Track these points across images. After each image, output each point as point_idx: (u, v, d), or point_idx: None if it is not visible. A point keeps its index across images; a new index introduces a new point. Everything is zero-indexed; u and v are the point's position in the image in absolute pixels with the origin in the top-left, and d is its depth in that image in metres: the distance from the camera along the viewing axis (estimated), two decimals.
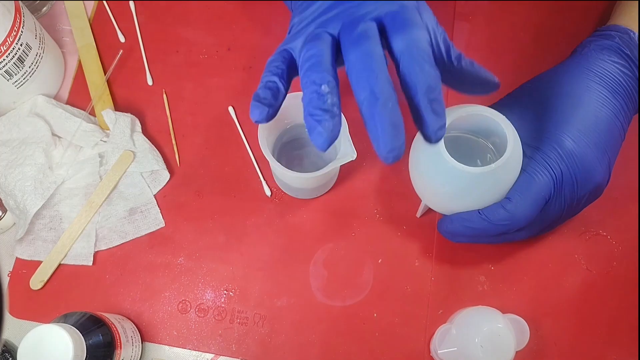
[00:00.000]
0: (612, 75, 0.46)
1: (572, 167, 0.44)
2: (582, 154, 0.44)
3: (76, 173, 0.54)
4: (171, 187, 0.55)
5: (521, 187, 0.44)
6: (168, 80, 0.59)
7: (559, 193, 0.45)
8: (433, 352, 0.49)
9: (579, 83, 0.46)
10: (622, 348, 0.50)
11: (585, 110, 0.45)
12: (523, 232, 0.47)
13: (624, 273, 0.52)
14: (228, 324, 0.51)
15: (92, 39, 0.60)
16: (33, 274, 0.52)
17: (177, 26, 0.60)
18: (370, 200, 0.54)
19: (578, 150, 0.44)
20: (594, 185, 0.45)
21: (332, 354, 0.51)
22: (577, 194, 0.45)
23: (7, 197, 0.52)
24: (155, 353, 0.51)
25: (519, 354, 0.47)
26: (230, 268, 0.53)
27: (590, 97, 0.45)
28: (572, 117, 0.45)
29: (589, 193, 0.46)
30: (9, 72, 0.51)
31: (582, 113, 0.45)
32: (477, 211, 0.45)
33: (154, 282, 0.52)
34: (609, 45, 0.47)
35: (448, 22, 0.60)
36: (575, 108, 0.45)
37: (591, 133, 0.44)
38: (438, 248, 0.53)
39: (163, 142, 0.56)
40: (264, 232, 0.54)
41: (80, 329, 0.42)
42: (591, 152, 0.44)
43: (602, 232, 0.53)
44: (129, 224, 0.53)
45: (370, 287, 0.52)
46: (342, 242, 0.53)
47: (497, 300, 0.51)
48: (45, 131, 0.53)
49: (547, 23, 0.60)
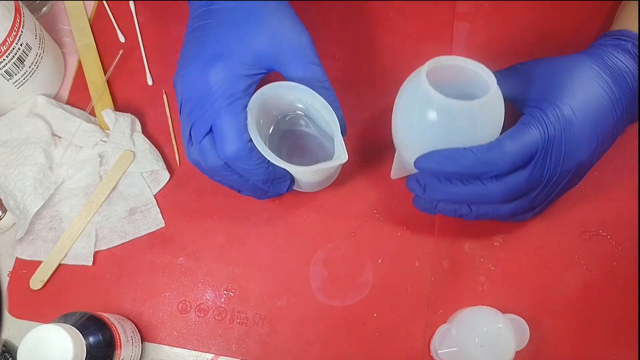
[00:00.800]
0: (619, 70, 0.47)
1: (565, 133, 0.44)
2: (577, 125, 0.45)
3: (76, 173, 0.54)
4: (171, 187, 0.55)
5: (513, 133, 0.44)
6: (168, 80, 0.58)
7: (546, 154, 0.45)
8: (433, 352, 0.49)
9: (589, 69, 0.47)
10: (622, 348, 0.50)
11: (588, 91, 0.46)
12: (505, 207, 0.47)
13: (624, 273, 0.52)
14: (228, 324, 0.51)
15: (92, 39, 0.60)
16: (33, 274, 0.52)
17: (177, 26, 0.60)
18: (370, 200, 0.54)
19: (575, 121, 0.45)
20: (577, 162, 0.45)
21: (332, 354, 0.51)
22: (562, 166, 0.45)
23: (7, 197, 0.52)
24: (155, 353, 0.51)
25: (519, 354, 0.47)
26: (230, 268, 0.53)
27: (596, 83, 0.46)
28: (576, 92, 0.46)
29: (572, 172, 0.46)
30: (9, 72, 0.51)
31: (585, 92, 0.46)
32: (465, 148, 0.44)
33: (154, 282, 0.52)
34: (623, 45, 0.48)
35: (448, 22, 0.60)
36: (580, 86, 0.46)
37: (590, 112, 0.45)
38: (438, 248, 0.53)
39: (163, 142, 0.56)
40: (264, 232, 0.54)
41: (80, 329, 0.42)
42: (585, 128, 0.45)
43: (602, 232, 0.53)
44: (129, 224, 0.53)
45: (370, 287, 0.52)
46: (342, 242, 0.53)
47: (497, 300, 0.51)
48: (45, 131, 0.53)
49: (547, 23, 0.60)
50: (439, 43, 0.59)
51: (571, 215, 0.54)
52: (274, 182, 0.48)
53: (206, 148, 0.45)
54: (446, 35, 0.59)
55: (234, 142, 0.44)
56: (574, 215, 0.54)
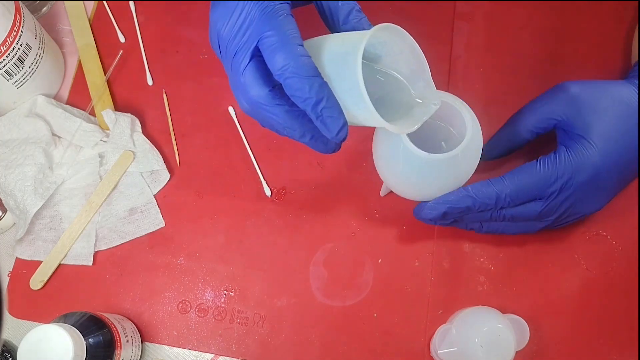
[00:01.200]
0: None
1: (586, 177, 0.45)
2: (601, 162, 0.45)
3: (76, 173, 0.54)
4: (171, 187, 0.55)
5: (522, 169, 0.46)
6: (168, 80, 0.59)
7: (561, 194, 0.45)
8: (433, 352, 0.49)
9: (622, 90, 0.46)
10: (622, 348, 0.50)
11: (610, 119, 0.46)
12: (515, 225, 0.48)
13: (624, 273, 0.52)
14: (228, 324, 0.51)
15: (92, 39, 0.60)
16: (33, 274, 0.52)
17: (177, 26, 0.60)
18: (370, 200, 0.54)
19: (602, 167, 0.45)
20: (591, 210, 0.47)
21: (332, 354, 0.51)
22: (575, 209, 0.46)
23: (7, 197, 0.52)
24: (155, 353, 0.51)
25: (519, 354, 0.47)
26: (230, 268, 0.53)
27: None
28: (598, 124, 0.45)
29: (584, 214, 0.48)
30: (9, 72, 0.51)
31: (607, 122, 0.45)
32: (461, 189, 0.46)
33: (154, 282, 0.52)
34: None
35: (448, 22, 0.60)
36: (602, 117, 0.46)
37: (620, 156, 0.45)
38: (438, 248, 0.53)
39: (163, 142, 0.56)
40: (264, 232, 0.54)
41: (80, 329, 0.42)
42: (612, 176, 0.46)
43: (602, 232, 0.53)
44: (129, 224, 0.53)
45: (370, 287, 0.52)
46: (342, 242, 0.53)
47: (497, 300, 0.51)
48: (45, 131, 0.53)
49: (547, 23, 0.60)
50: (439, 43, 0.59)
51: None
52: (323, 112, 0.38)
53: (248, 80, 0.39)
54: (446, 35, 0.59)
55: (285, 49, 0.37)
56: None
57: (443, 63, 0.58)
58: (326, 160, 0.55)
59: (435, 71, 0.41)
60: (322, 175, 0.55)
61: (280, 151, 0.56)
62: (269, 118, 0.40)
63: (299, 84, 0.37)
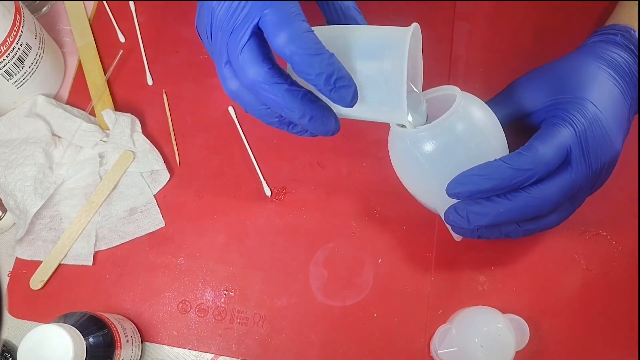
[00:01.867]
0: (617, 62, 0.48)
1: (594, 126, 0.45)
2: (603, 117, 0.45)
3: (76, 173, 0.54)
4: (171, 187, 0.55)
5: (541, 135, 0.44)
6: (168, 80, 0.59)
7: (582, 150, 0.44)
8: (433, 352, 0.49)
9: (590, 64, 0.48)
10: (622, 348, 0.50)
11: (601, 85, 0.47)
12: (554, 215, 0.46)
13: (624, 273, 0.52)
14: (228, 324, 0.51)
15: (92, 39, 0.60)
16: (33, 274, 0.52)
17: (177, 26, 0.60)
18: (370, 200, 0.54)
19: (600, 114, 0.45)
20: (613, 152, 0.45)
21: (332, 354, 0.51)
22: (600, 158, 0.45)
23: (7, 197, 0.52)
24: (155, 353, 0.51)
25: (519, 354, 0.47)
26: (230, 268, 0.53)
27: (603, 76, 0.47)
28: (591, 87, 0.46)
29: (609, 163, 0.46)
30: (9, 72, 0.51)
31: (599, 87, 0.46)
32: (495, 160, 0.43)
33: (154, 282, 0.52)
34: (612, 39, 0.49)
35: (448, 22, 0.60)
36: (592, 81, 0.47)
37: (609, 104, 0.46)
38: (438, 248, 0.53)
39: (163, 142, 0.57)
40: (264, 232, 0.54)
41: (80, 329, 0.42)
42: (610, 118, 0.45)
43: (602, 232, 0.53)
44: (129, 224, 0.53)
45: (370, 287, 0.52)
46: (342, 242, 0.53)
47: (497, 300, 0.51)
48: (45, 131, 0.53)
49: (547, 23, 0.60)
50: (439, 43, 0.59)
51: (571, 216, 0.53)
52: (336, 83, 0.37)
53: (247, 58, 0.38)
54: (446, 35, 0.59)
55: (290, 25, 0.36)
56: (574, 215, 0.53)
57: (443, 63, 0.58)
58: (326, 160, 0.55)
59: (436, 71, 0.41)
60: (322, 175, 0.55)
61: (280, 151, 0.56)
62: (266, 98, 0.39)
63: (308, 60, 0.36)
